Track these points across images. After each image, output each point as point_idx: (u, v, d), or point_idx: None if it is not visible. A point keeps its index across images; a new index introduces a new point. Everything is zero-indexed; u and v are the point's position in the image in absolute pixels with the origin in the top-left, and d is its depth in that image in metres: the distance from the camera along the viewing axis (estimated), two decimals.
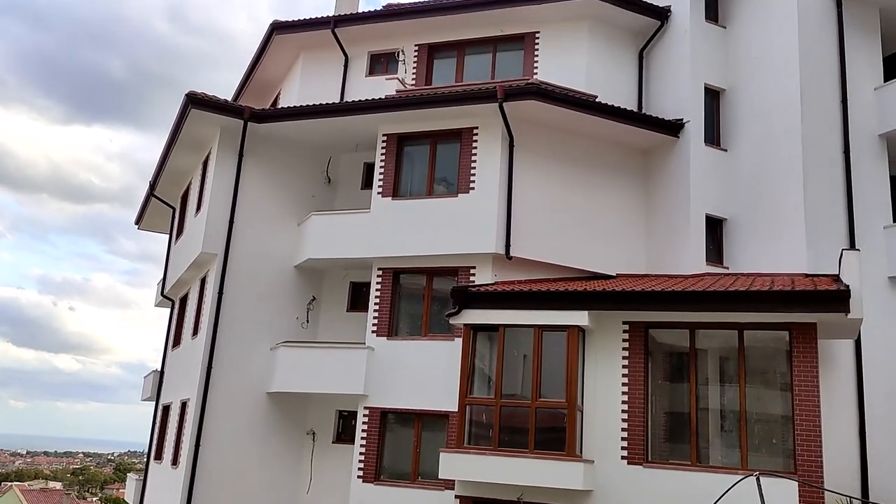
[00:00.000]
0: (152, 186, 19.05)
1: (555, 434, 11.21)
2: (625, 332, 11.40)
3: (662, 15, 15.09)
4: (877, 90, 13.67)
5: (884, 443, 11.92)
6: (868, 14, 14.05)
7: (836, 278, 10.81)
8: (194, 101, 14.63)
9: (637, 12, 15.13)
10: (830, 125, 13.17)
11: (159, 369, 18.75)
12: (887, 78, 13.94)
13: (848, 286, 10.13)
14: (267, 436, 14.34)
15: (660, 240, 14.04)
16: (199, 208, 16.02)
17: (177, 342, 17.81)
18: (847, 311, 10.04)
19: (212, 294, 14.55)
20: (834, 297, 10.08)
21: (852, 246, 12.29)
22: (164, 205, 19.34)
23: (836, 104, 13.33)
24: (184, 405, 15.00)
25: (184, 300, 17.86)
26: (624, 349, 11.36)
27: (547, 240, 13.40)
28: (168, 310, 20.11)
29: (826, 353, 11.52)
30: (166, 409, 17.15)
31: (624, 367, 11.30)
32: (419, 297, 13.93)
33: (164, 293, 19.21)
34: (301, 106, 14.95)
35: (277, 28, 17.37)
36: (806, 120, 12.95)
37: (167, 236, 20.71)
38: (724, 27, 14.92)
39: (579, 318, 11.29)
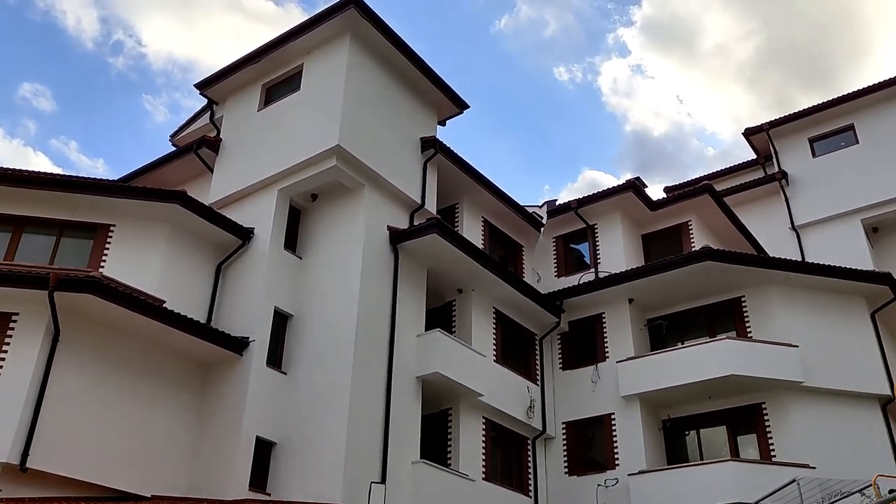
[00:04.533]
0: None
1: None
2: None
3: (245, 235, 16.36)
4: (419, 337, 16.37)
5: None
6: (418, 270, 17.15)
7: None
8: None
9: (221, 228, 16.15)
10: (378, 364, 15.19)
11: None
12: (427, 328, 16.84)
13: None
14: None
15: (207, 459, 13.99)
16: None
17: None
18: None
19: None
20: None
21: (383, 479, 13.82)
22: None
23: (385, 345, 15.52)
24: None
25: None
26: None
27: (78, 452, 12.38)
28: None
29: None
30: None
31: None
32: None
33: None
34: None
35: None
36: (357, 357, 14.76)
37: None
38: (301, 258, 16.72)
39: None
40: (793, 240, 24.31)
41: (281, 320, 15.80)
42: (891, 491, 11.96)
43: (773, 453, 16.57)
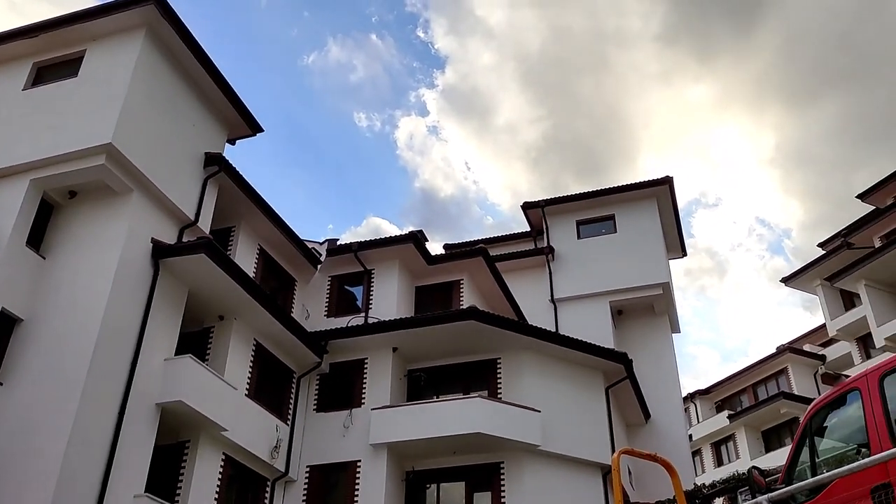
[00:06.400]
0: None
1: None
2: None
3: None
4: (166, 361, 15.41)
5: None
6: (178, 290, 16.24)
7: None
8: None
9: None
10: (115, 384, 14.04)
11: None
12: (179, 352, 15.91)
13: None
14: None
15: None
16: None
17: None
18: None
19: None
20: None
21: None
22: None
23: (126, 365, 14.41)
24: None
25: None
26: None
27: None
28: None
29: None
30: None
31: None
32: None
33: None
34: None
35: None
36: (92, 374, 13.56)
37: None
38: (44, 258, 15.21)
39: None
40: (551, 312, 26.23)
41: (7, 323, 14.19)
42: None
43: None
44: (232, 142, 19.95)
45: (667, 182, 27.30)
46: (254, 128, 19.82)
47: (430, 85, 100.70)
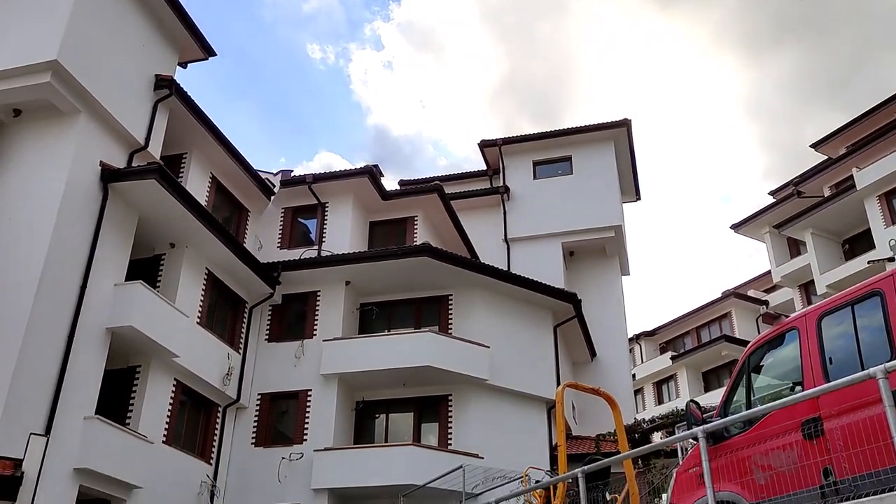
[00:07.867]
0: None
1: None
2: None
3: None
4: (116, 286, 15.29)
5: None
6: (128, 216, 16.00)
7: (18, 463, 10.91)
8: None
9: None
10: (63, 309, 13.93)
11: None
12: (129, 279, 15.77)
13: (23, 472, 10.33)
14: None
15: None
16: None
17: None
18: (13, 500, 10.13)
19: None
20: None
21: (48, 431, 12.75)
22: None
23: (75, 290, 14.27)
24: None
25: None
26: None
27: None
28: None
29: None
30: None
31: None
32: None
33: None
34: None
35: None
36: (39, 298, 13.43)
37: None
38: None
39: None
40: (503, 251, 26.58)
41: None
42: (537, 481, 13.73)
43: (450, 441, 18.05)
44: (184, 65, 19.41)
45: (625, 125, 27.55)
46: (206, 51, 19.29)
47: (385, 18, 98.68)
